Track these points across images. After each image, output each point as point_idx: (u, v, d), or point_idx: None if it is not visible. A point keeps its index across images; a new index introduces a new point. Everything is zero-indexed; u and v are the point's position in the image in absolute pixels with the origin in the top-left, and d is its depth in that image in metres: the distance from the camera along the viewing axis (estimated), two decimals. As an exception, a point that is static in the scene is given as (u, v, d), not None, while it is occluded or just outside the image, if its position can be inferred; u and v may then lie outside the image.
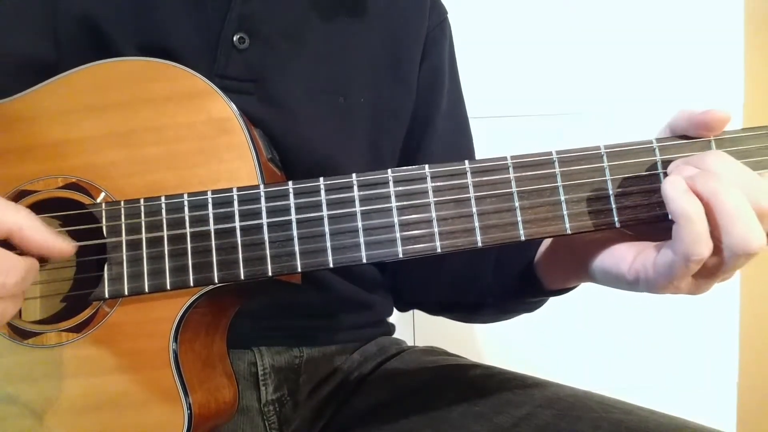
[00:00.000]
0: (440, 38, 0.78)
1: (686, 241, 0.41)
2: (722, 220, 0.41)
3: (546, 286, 0.58)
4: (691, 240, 0.41)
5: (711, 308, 1.30)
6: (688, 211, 0.41)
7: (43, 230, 0.47)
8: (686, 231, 0.41)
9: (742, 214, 0.41)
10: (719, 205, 0.41)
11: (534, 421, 0.58)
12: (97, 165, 0.53)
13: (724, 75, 1.31)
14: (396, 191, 0.48)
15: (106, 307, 0.51)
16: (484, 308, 0.70)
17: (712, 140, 0.46)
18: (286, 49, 0.67)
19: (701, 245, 0.41)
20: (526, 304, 0.65)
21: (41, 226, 0.47)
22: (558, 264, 0.57)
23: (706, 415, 1.16)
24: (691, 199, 0.41)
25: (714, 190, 0.41)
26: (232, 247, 0.49)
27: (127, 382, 0.50)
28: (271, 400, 0.68)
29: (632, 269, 0.47)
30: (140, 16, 0.63)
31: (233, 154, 0.52)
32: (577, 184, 0.47)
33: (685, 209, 0.41)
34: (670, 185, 0.42)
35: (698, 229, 0.41)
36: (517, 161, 0.48)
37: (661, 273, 0.44)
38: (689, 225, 0.41)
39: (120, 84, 0.53)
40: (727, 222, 0.41)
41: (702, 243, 0.41)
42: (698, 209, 0.41)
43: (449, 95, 0.78)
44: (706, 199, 0.41)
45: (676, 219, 0.42)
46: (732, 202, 0.41)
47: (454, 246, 0.47)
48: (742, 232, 0.41)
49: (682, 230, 0.42)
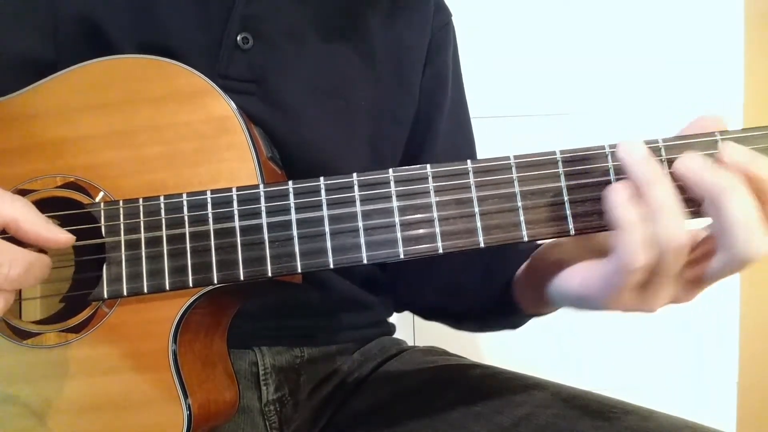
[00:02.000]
0: (444, 42, 0.78)
1: (623, 251, 0.42)
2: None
3: (522, 308, 0.60)
4: (627, 251, 0.42)
5: (711, 308, 1.30)
6: (623, 221, 0.42)
7: (39, 221, 0.47)
8: (622, 241, 0.42)
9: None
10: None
11: (534, 421, 0.58)
12: (96, 164, 0.52)
13: (724, 75, 1.31)
14: (397, 191, 0.48)
15: (105, 308, 0.51)
16: (467, 320, 0.72)
17: (719, 138, 0.46)
18: (289, 50, 0.66)
19: (638, 256, 0.42)
20: (507, 321, 0.66)
21: (37, 218, 0.47)
22: (529, 287, 0.58)
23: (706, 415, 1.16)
24: (628, 209, 0.42)
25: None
26: (232, 247, 0.49)
27: (126, 383, 0.50)
28: (271, 400, 0.68)
29: (582, 285, 0.47)
30: (141, 15, 0.63)
31: (233, 154, 0.52)
32: (581, 184, 0.47)
33: (621, 218, 0.42)
34: (611, 191, 0.43)
35: (634, 239, 0.41)
36: (520, 161, 0.47)
37: (603, 287, 0.45)
38: (624, 235, 0.42)
39: (119, 82, 0.53)
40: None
41: (638, 254, 0.42)
42: (633, 219, 0.42)
43: (452, 98, 0.78)
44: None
45: (614, 227, 0.42)
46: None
47: (456, 246, 0.47)
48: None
49: (619, 239, 0.42)
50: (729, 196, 0.41)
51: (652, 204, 0.42)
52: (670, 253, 0.42)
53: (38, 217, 0.47)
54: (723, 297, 1.31)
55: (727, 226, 0.41)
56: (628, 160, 0.43)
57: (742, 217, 0.41)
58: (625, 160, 0.43)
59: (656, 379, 1.32)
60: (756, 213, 0.41)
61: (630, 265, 0.42)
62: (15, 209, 0.46)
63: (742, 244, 0.41)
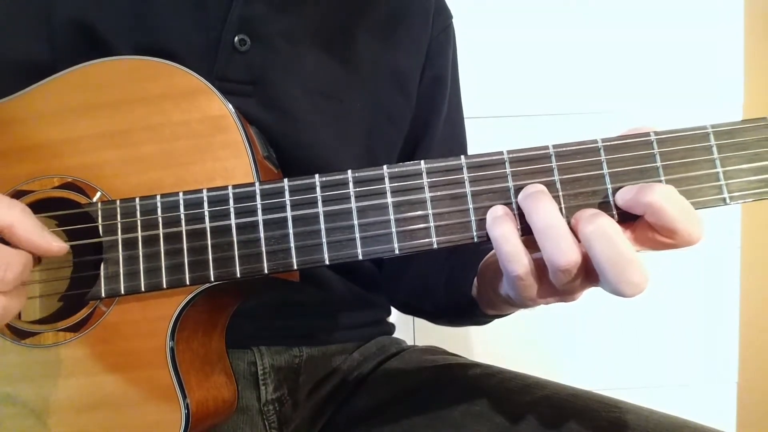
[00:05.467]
0: (444, 45, 0.78)
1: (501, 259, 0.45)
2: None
3: (482, 310, 0.61)
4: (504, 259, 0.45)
5: (711, 308, 1.30)
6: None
7: (34, 229, 0.47)
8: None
9: None
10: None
11: (534, 421, 0.58)
12: (93, 164, 0.52)
13: (724, 74, 1.31)
14: (391, 187, 0.48)
15: (102, 307, 0.51)
16: (438, 318, 0.74)
17: (710, 132, 0.46)
18: (286, 51, 0.66)
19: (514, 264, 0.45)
20: (472, 321, 0.67)
21: (33, 225, 0.47)
22: (482, 291, 0.59)
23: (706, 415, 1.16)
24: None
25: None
26: (228, 245, 0.49)
27: (124, 382, 0.50)
28: (270, 400, 0.68)
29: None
30: (138, 18, 0.63)
31: (229, 152, 0.52)
32: (575, 178, 0.47)
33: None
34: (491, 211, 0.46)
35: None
36: (513, 156, 0.47)
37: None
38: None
39: (115, 83, 0.53)
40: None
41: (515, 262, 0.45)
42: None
43: (450, 102, 0.78)
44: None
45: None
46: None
47: (450, 241, 0.47)
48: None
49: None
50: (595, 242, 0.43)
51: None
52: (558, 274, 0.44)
53: (34, 225, 0.47)
54: (723, 297, 1.30)
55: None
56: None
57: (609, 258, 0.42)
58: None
59: (656, 379, 1.31)
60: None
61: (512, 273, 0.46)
62: (11, 215, 0.46)
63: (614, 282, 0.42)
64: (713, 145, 0.46)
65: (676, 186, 0.45)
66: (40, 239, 0.47)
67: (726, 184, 0.46)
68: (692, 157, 0.46)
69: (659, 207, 0.42)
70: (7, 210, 0.46)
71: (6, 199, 0.47)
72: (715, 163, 0.46)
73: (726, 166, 0.46)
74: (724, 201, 0.46)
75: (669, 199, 0.42)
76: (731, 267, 1.29)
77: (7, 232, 0.46)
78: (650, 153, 0.46)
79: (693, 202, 0.45)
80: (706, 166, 0.46)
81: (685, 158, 0.46)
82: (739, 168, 0.46)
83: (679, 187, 0.45)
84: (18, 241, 0.46)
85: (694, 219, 0.43)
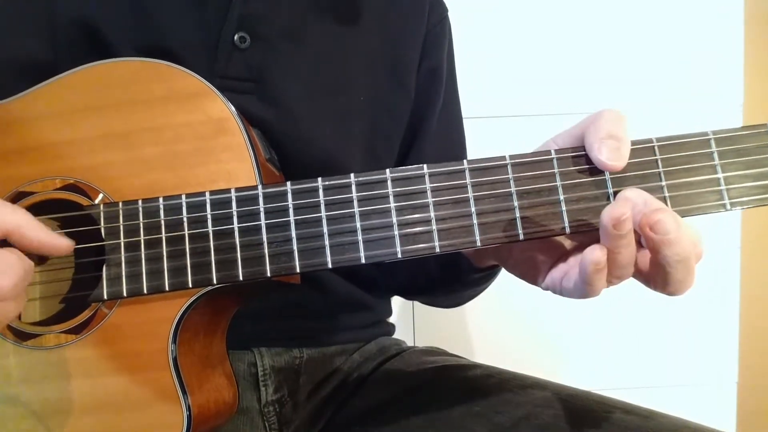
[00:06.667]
0: (440, 38, 0.78)
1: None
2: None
3: (474, 264, 0.61)
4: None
5: (711, 308, 1.30)
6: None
7: (40, 229, 0.48)
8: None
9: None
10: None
11: (534, 421, 0.58)
12: (95, 166, 0.52)
13: (724, 74, 1.31)
14: (394, 191, 0.48)
15: (104, 309, 0.51)
16: (435, 290, 0.74)
17: (712, 138, 0.46)
18: (286, 48, 0.67)
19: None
20: (470, 281, 0.67)
21: (39, 225, 0.48)
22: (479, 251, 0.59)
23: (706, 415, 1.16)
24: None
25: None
26: (231, 248, 0.49)
27: (126, 384, 0.50)
28: (271, 401, 0.68)
29: (546, 283, 0.50)
30: (139, 17, 0.63)
31: (231, 155, 0.52)
32: (577, 183, 0.47)
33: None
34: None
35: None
36: (515, 160, 0.47)
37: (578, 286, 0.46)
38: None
39: (117, 84, 0.53)
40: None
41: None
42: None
43: (446, 94, 0.78)
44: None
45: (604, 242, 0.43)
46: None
47: (453, 246, 0.47)
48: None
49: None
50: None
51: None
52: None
53: (39, 225, 0.48)
54: (723, 297, 1.30)
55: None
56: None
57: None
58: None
59: (656, 379, 1.32)
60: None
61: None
62: (16, 217, 0.47)
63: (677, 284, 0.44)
64: (714, 152, 0.46)
65: (677, 191, 0.46)
66: (48, 238, 0.48)
67: (726, 189, 0.46)
68: (693, 163, 0.46)
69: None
70: (12, 213, 0.47)
71: (8, 204, 0.48)
72: (716, 169, 0.46)
73: (727, 172, 0.46)
74: (725, 207, 0.46)
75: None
76: (731, 267, 1.29)
77: (16, 234, 0.46)
78: (652, 159, 0.46)
79: (693, 207, 0.46)
80: (706, 172, 0.46)
81: (687, 164, 0.46)
82: (740, 174, 0.46)
83: (680, 192, 0.46)
84: (28, 241, 0.47)
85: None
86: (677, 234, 0.42)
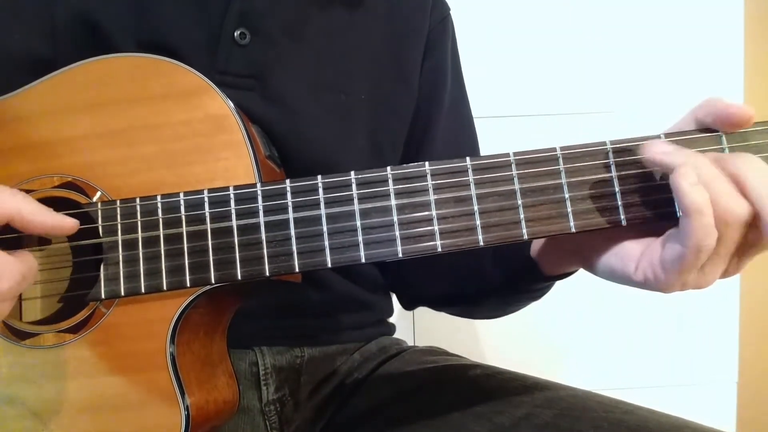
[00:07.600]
0: (442, 36, 0.77)
1: (698, 234, 0.41)
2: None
3: (545, 272, 0.58)
4: (703, 233, 0.41)
5: (711, 307, 1.30)
6: (699, 204, 0.41)
7: (42, 211, 0.47)
8: (697, 224, 0.41)
9: None
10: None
11: (534, 421, 0.57)
12: (93, 163, 0.52)
13: (724, 74, 1.30)
14: (395, 189, 0.47)
15: (103, 308, 0.51)
16: (486, 300, 0.70)
17: (722, 134, 0.46)
18: (287, 45, 0.66)
19: (711, 237, 0.41)
20: (529, 292, 0.64)
21: (40, 207, 0.47)
22: (558, 254, 0.57)
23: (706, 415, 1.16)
24: (702, 191, 0.41)
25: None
26: (229, 247, 0.48)
27: (124, 383, 0.50)
28: (272, 400, 0.68)
29: (639, 270, 0.47)
30: (139, 13, 0.63)
31: (230, 152, 0.51)
32: (582, 181, 0.46)
33: (696, 202, 0.41)
34: (681, 178, 0.42)
35: (708, 222, 0.41)
36: (519, 158, 0.47)
37: (669, 269, 0.44)
38: (700, 218, 0.41)
39: (116, 81, 0.53)
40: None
41: (711, 235, 0.41)
42: (708, 201, 0.41)
43: (452, 93, 0.78)
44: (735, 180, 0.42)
45: (687, 212, 0.41)
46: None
47: (455, 245, 0.47)
48: None
49: (694, 223, 0.41)
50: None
51: (713, 187, 0.42)
52: (735, 230, 0.42)
53: (41, 207, 0.47)
54: (723, 297, 1.30)
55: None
56: (664, 156, 0.43)
57: None
58: (660, 157, 0.44)
59: (656, 379, 1.32)
60: None
61: (705, 248, 0.42)
62: (16, 201, 0.46)
63: None
64: (725, 148, 0.46)
65: None
66: (51, 219, 0.47)
67: None
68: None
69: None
70: (11, 197, 0.46)
71: (7, 189, 0.47)
72: None
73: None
74: None
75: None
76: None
77: (18, 217, 0.46)
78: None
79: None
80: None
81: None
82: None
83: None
84: (30, 223, 0.46)
85: None
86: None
